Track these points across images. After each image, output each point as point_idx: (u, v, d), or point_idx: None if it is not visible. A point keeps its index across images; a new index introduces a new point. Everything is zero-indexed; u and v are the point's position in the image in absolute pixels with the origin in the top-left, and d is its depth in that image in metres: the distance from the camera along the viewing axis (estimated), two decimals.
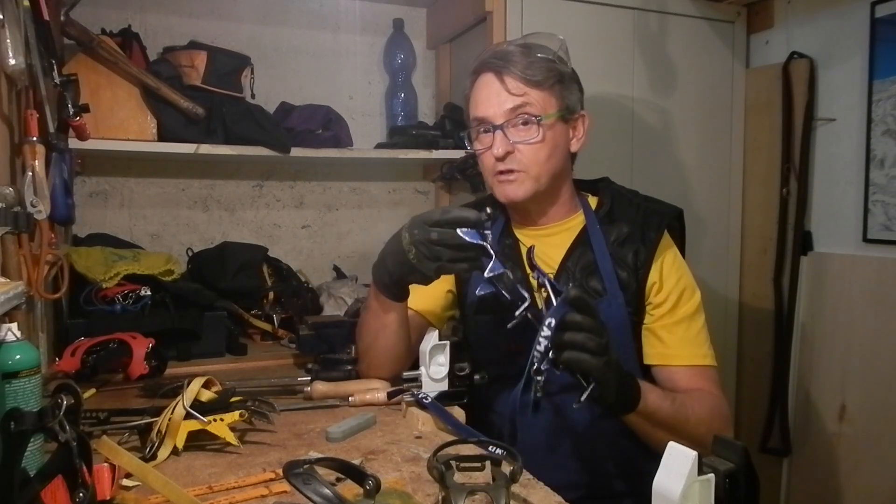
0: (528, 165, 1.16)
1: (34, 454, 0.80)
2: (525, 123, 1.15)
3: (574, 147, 1.23)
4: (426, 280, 1.06)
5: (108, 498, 0.78)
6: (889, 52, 1.72)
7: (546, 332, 0.89)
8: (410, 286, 1.13)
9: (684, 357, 1.16)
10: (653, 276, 1.18)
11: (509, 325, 0.95)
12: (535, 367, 0.89)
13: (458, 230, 0.97)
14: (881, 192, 1.75)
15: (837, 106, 1.87)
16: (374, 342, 1.21)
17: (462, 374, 1.20)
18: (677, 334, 1.17)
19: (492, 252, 0.97)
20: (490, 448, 0.90)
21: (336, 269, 2.16)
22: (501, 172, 1.18)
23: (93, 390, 1.26)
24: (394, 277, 1.09)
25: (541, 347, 0.89)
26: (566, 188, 1.25)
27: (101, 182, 1.94)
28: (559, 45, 1.20)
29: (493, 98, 1.16)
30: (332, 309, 1.89)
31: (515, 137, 1.15)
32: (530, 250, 1.07)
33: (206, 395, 1.02)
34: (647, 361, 1.18)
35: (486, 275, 0.97)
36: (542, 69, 1.16)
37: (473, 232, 0.97)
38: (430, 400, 1.11)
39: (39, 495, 0.70)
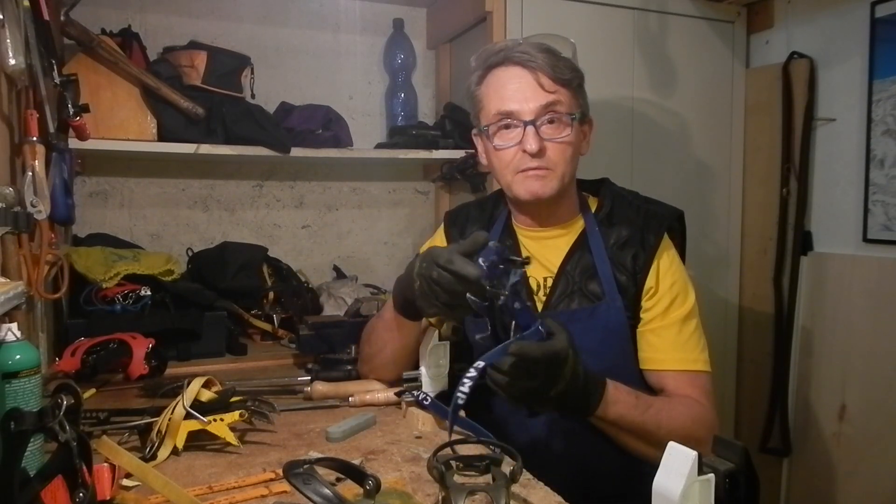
0: (556, 163, 1.15)
1: (34, 454, 0.81)
2: (553, 121, 1.14)
3: (583, 150, 1.23)
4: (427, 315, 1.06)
5: (108, 498, 0.78)
6: (889, 52, 1.72)
7: (472, 372, 0.89)
8: None
9: (674, 361, 1.15)
10: (650, 280, 1.18)
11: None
12: (460, 399, 0.90)
13: (468, 295, 0.93)
14: (881, 192, 1.75)
15: (837, 106, 1.87)
16: (382, 350, 1.22)
17: (462, 374, 1.20)
18: (667, 338, 1.16)
19: (489, 327, 0.96)
20: (490, 448, 0.90)
21: (336, 269, 2.16)
22: (528, 168, 1.16)
23: (93, 390, 1.26)
24: (408, 301, 1.08)
25: (465, 388, 0.89)
26: (573, 190, 1.25)
27: (101, 182, 1.94)
28: (573, 51, 1.20)
29: (525, 92, 1.13)
30: (332, 309, 1.89)
31: (546, 135, 1.14)
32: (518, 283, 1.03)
33: (206, 395, 1.02)
34: (641, 366, 1.18)
35: (476, 336, 0.97)
36: (569, 69, 1.15)
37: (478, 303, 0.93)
38: (430, 401, 1.11)
39: (39, 495, 0.70)
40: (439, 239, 1.36)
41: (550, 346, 0.92)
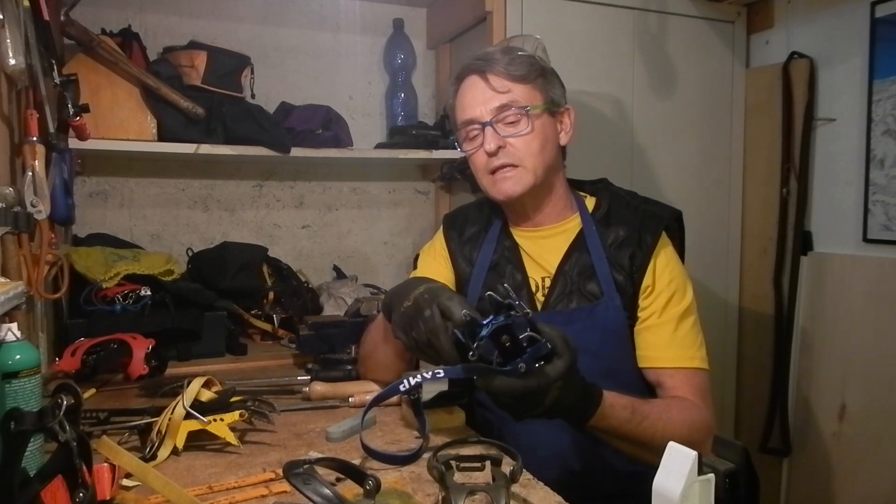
0: (523, 158, 1.17)
1: (34, 454, 0.81)
2: (513, 118, 1.17)
3: (563, 140, 1.24)
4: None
5: (108, 498, 0.78)
6: (889, 52, 1.72)
7: (418, 378, 0.87)
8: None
9: (671, 359, 1.15)
10: (647, 279, 1.18)
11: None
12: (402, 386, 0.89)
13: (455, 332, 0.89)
14: (881, 192, 1.75)
15: (837, 106, 1.87)
16: (374, 352, 1.23)
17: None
18: (664, 335, 1.16)
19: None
20: (490, 448, 0.89)
21: (336, 269, 2.16)
22: (496, 170, 1.18)
23: (93, 390, 1.27)
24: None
25: (410, 381, 0.88)
26: (560, 183, 1.26)
27: (101, 182, 1.94)
28: (536, 45, 1.23)
29: (479, 97, 1.18)
30: (332, 309, 1.89)
31: (505, 132, 1.17)
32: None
33: (206, 395, 1.02)
34: (638, 364, 1.18)
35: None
36: (524, 64, 1.18)
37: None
38: (416, 397, 1.09)
39: (39, 495, 0.70)
40: (438, 242, 1.36)
41: (521, 385, 0.81)
